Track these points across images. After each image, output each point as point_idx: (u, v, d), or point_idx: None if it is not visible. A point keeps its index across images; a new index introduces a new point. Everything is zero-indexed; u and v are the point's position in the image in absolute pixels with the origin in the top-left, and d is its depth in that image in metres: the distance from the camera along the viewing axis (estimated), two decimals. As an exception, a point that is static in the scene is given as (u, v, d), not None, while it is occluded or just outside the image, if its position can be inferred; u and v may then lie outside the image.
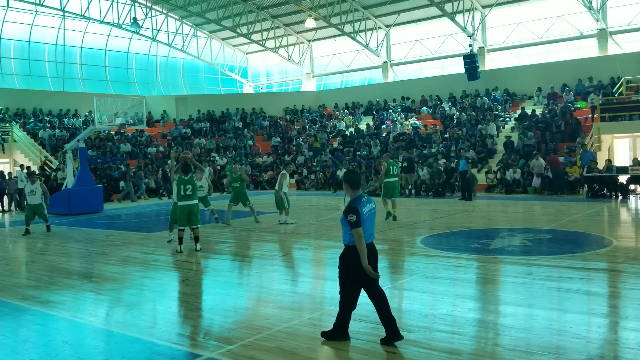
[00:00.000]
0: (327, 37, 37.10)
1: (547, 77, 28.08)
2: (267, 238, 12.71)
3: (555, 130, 24.23)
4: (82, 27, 34.22)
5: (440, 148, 25.69)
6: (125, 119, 20.12)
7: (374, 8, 32.97)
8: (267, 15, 35.33)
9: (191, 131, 33.56)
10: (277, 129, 34.30)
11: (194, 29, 38.51)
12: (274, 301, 7.38)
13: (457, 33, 31.23)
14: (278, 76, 42.13)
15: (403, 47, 34.98)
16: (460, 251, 10.34)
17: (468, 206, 17.87)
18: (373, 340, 5.63)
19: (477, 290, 7.80)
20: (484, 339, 5.72)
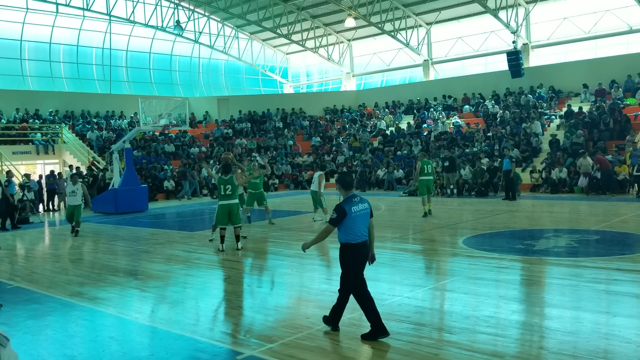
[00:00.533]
0: (367, 36, 36.97)
1: (594, 73, 27.22)
2: (308, 237, 12.73)
3: (603, 128, 23.46)
4: (128, 30, 35.13)
5: (482, 147, 25.25)
6: (169, 120, 20.54)
7: (415, 6, 32.65)
8: (307, 16, 35.46)
9: (232, 131, 34.00)
10: (317, 129, 34.39)
11: (235, 31, 39.01)
12: (314, 300, 7.40)
13: (500, 30, 30.62)
14: (318, 76, 42.23)
15: (444, 44, 34.51)
16: (504, 252, 10.13)
17: (512, 206, 17.50)
18: (414, 342, 5.57)
19: (521, 292, 7.63)
20: (529, 341, 5.59)
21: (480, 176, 22.03)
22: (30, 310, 7.39)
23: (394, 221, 15.33)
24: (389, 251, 10.71)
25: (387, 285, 8.09)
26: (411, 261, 9.69)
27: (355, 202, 5.81)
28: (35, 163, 27.49)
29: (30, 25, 31.28)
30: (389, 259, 10.02)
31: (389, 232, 13.06)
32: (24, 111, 29.12)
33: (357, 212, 5.77)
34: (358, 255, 5.78)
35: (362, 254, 5.81)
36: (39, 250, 13.18)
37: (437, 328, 6.07)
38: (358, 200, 5.84)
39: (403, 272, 8.86)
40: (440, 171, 22.82)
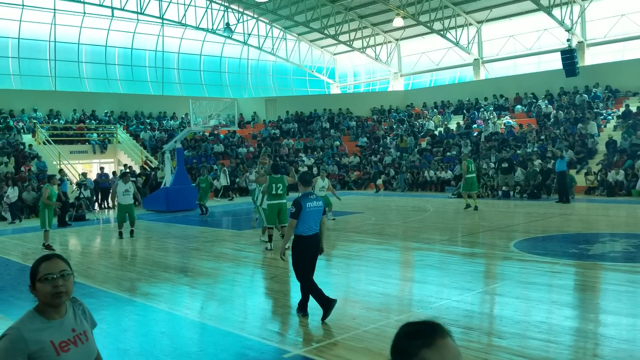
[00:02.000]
0: (416, 36, 36.59)
1: (655, 71, 26.05)
2: (354, 238, 12.73)
3: (664, 129, 22.43)
4: (179, 33, 35.97)
5: (535, 148, 24.57)
6: (218, 120, 20.91)
7: (465, 4, 32.09)
8: (354, 16, 35.41)
9: (280, 132, 34.31)
10: (364, 129, 34.29)
11: (283, 32, 39.36)
12: (361, 301, 7.38)
13: (554, 27, 29.72)
14: (365, 76, 42.10)
15: (496, 43, 33.77)
16: (557, 256, 9.83)
17: (566, 209, 16.96)
18: (462, 346, 5.47)
19: (574, 298, 7.39)
20: (582, 348, 5.40)
21: (533, 178, 21.46)
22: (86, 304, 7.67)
23: (442, 223, 15.11)
24: (437, 254, 10.57)
25: (435, 288, 7.99)
26: (460, 264, 9.53)
27: (311, 199, 6.50)
28: (91, 162, 28.50)
29: (87, 29, 32.46)
30: (437, 261, 9.89)
31: (437, 235, 12.89)
32: (81, 112, 30.26)
33: (311, 208, 6.44)
34: (307, 246, 6.46)
35: (311, 246, 6.49)
36: (94, 247, 13.66)
37: (486, 332, 5.95)
38: (314, 198, 6.54)
39: (451, 275, 8.72)
40: (495, 173, 22.40)
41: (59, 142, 26.35)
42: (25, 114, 28.56)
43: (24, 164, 23.15)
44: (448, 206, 19.20)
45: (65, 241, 14.33)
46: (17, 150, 24.05)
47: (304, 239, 6.45)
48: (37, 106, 29.14)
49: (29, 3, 29.64)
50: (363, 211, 18.27)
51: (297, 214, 6.36)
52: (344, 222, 15.60)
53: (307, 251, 6.48)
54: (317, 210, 6.50)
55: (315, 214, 6.48)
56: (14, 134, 25.79)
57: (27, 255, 12.06)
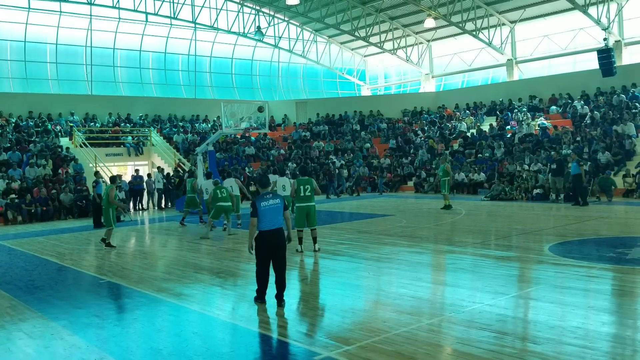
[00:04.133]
0: (447, 36, 36.26)
1: (698, 70, 25.22)
2: (384, 241, 12.66)
3: None
4: (211, 37, 36.42)
5: (570, 150, 24.02)
6: (250, 123, 21.06)
7: (498, 4, 31.65)
8: (385, 17, 35.28)
9: (310, 134, 34.39)
10: (394, 131, 34.10)
11: (313, 35, 39.47)
12: (392, 304, 7.33)
13: (590, 26, 29.07)
14: (396, 78, 41.90)
15: (529, 43, 33.20)
16: (593, 260, 9.59)
17: (602, 212, 16.53)
18: (496, 350, 5.39)
19: (612, 303, 7.19)
20: (621, 355, 5.25)
21: (568, 180, 20.97)
22: (121, 304, 7.82)
23: (475, 226, 14.91)
24: (470, 257, 10.42)
25: (467, 291, 7.88)
26: (493, 268, 9.38)
27: (267, 198, 7.33)
28: (126, 164, 29.06)
29: (122, 34, 33.14)
30: (469, 265, 9.76)
31: (469, 238, 12.72)
32: (117, 115, 30.90)
33: (266, 206, 7.25)
34: (266, 240, 7.22)
35: (271, 239, 7.24)
36: (128, 247, 13.92)
37: (520, 337, 5.84)
38: (270, 197, 7.36)
39: (484, 278, 8.59)
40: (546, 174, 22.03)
41: (95, 144, 26.95)
42: (62, 117, 29.32)
43: (61, 166, 23.74)
44: (481, 209, 18.93)
45: (99, 242, 14.63)
46: (55, 153, 24.69)
47: (263, 234, 7.24)
48: (74, 110, 29.87)
49: (66, 10, 30.42)
50: (394, 214, 18.16)
51: (255, 213, 7.24)
52: (375, 224, 15.53)
53: (267, 244, 7.24)
54: (275, 207, 7.32)
55: (273, 210, 7.29)
56: (51, 137, 26.50)
57: (63, 256, 12.36)
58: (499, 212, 17.78)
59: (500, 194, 22.20)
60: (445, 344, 5.74)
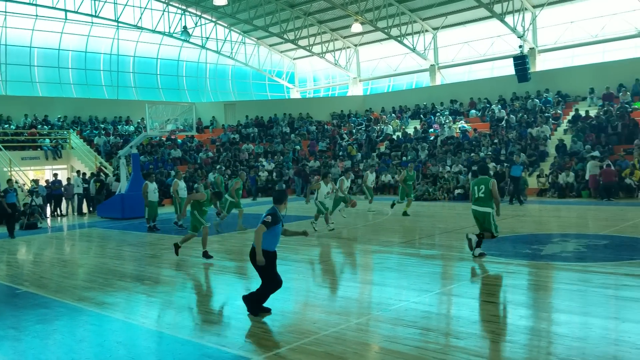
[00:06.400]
0: (374, 41, 37.03)
1: (601, 77, 27.11)
2: (314, 242, 12.75)
3: (611, 132, 23.36)
4: (135, 36, 35.34)
5: (489, 152, 25.18)
6: (176, 125, 20.62)
7: (421, 11, 32.69)
8: (313, 21, 35.57)
9: (239, 137, 34.09)
10: (324, 134, 34.42)
11: (242, 36, 39.16)
12: (322, 305, 7.39)
13: (506, 34, 30.59)
14: (325, 81, 42.32)
15: (451, 49, 34.52)
16: (511, 257, 10.09)
17: (518, 211, 17.43)
18: (421, 347, 5.55)
19: (528, 297, 7.59)
20: (537, 347, 5.55)
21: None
22: (39, 314, 7.43)
23: (401, 226, 15.30)
24: (396, 256, 10.69)
25: (394, 290, 8.08)
26: (418, 266, 9.66)
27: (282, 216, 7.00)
28: (43, 168, 27.62)
29: (39, 32, 31.53)
30: (396, 264, 10.01)
31: (395, 237, 13.03)
32: (33, 117, 29.31)
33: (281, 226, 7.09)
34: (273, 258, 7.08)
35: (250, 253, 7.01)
36: (46, 255, 13.24)
37: (444, 333, 6.04)
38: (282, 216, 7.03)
39: (410, 277, 8.84)
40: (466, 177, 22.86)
41: (10, 148, 25.46)
42: (-28, 119, 27.52)
43: (-29, 170, 22.26)
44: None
45: (15, 250, 13.84)
46: (-36, 157, 23.13)
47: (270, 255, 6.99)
48: (-15, 111, 28.11)
49: (-24, 4, 28.63)
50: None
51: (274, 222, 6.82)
52: (305, 227, 15.59)
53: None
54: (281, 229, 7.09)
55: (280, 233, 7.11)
56: (-40, 139, 24.79)
57: (-26, 266, 11.58)
58: (423, 212, 18.34)
59: (424, 194, 22.92)
60: (373, 343, 5.86)
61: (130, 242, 14.36)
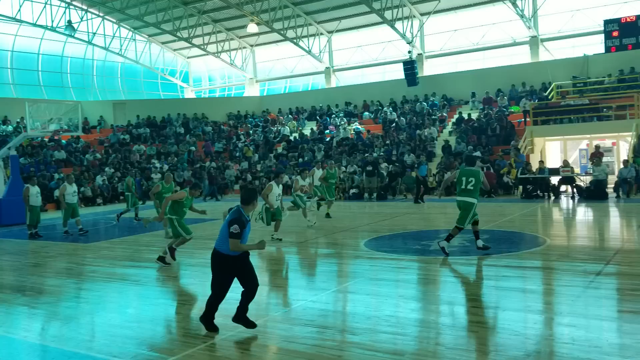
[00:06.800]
0: (270, 42, 37.07)
1: (482, 82, 29.10)
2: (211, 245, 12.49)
3: (490, 134, 25.11)
4: (14, 30, 32.77)
5: (381, 152, 26.12)
6: (60, 125, 19.40)
7: (316, 14, 33.22)
8: (208, 20, 34.94)
9: (130, 137, 32.72)
10: (220, 135, 33.93)
11: (132, 33, 37.59)
12: (219, 309, 7.26)
13: (397, 40, 31.89)
14: (220, 81, 41.74)
15: (345, 53, 35.43)
16: (402, 253, 10.53)
17: (409, 208, 18.23)
18: (318, 345, 5.64)
19: (419, 291, 7.97)
20: (426, 338, 5.83)
21: (381, 180, 22.78)
22: None
23: (298, 226, 15.42)
24: (294, 256, 10.78)
25: (292, 290, 8.14)
26: (315, 265, 9.80)
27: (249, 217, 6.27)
28: None
29: None
30: (294, 264, 10.10)
31: (293, 237, 13.13)
32: None
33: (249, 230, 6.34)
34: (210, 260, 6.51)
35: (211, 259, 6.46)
36: None
37: (340, 330, 6.18)
38: (230, 210, 6.34)
39: (307, 276, 8.95)
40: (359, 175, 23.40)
41: None
42: None
43: None
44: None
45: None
46: None
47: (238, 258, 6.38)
48: None
49: None
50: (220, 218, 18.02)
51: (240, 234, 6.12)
52: (202, 230, 15.27)
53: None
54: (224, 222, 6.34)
55: (223, 224, 6.36)
56: None
57: None
58: (320, 212, 18.62)
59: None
60: (271, 344, 5.87)
61: (9, 250, 13.30)
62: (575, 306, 6.64)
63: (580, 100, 23.71)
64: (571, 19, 28.39)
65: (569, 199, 19.05)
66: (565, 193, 20.10)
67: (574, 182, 19.58)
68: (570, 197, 19.23)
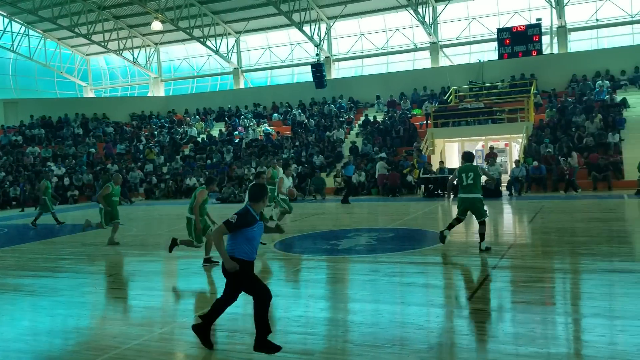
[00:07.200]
0: (176, 41, 36.15)
1: (386, 86, 30.07)
2: (111, 252, 12.00)
3: (395, 136, 25.99)
4: None
5: (291, 153, 26.25)
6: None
7: (224, 14, 32.79)
8: (109, 16, 33.46)
9: (23, 139, 30.66)
10: (122, 136, 32.59)
11: (25, 27, 35.22)
12: (122, 318, 7.00)
13: (305, 42, 32.20)
14: (123, 80, 40.11)
15: (254, 54, 35.27)
16: (312, 253, 10.64)
17: (318, 209, 18.44)
18: (227, 349, 5.57)
19: (327, 290, 8.08)
20: (335, 336, 5.92)
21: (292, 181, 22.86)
22: None
23: (207, 229, 15.13)
24: (200, 260, 10.56)
25: (200, 295, 7.97)
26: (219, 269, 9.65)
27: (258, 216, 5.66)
28: None
29: None
30: (201, 268, 9.89)
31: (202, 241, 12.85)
32: None
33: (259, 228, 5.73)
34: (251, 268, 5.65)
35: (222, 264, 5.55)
36: None
37: (250, 333, 6.12)
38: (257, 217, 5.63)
39: (216, 280, 8.80)
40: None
41: None
42: None
43: None
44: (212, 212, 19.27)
45: None
46: None
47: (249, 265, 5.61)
48: None
49: None
50: (124, 222, 17.30)
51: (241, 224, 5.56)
52: (102, 236, 14.59)
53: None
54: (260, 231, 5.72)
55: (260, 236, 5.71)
56: None
57: None
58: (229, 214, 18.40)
59: (230, 196, 23.04)
60: (178, 351, 5.72)
61: None
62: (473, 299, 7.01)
63: (476, 104, 25.15)
64: (468, 27, 30.02)
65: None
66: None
67: (471, 181, 20.64)
68: (469, 196, 20.25)
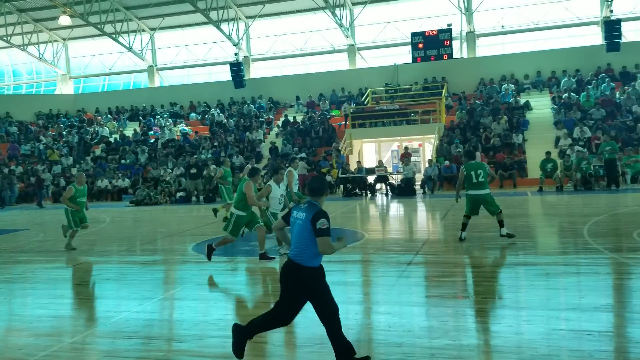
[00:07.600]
0: (86, 37, 34.57)
1: (306, 86, 30.31)
2: (17, 259, 11.29)
3: (314, 136, 26.23)
4: None
5: (209, 154, 25.82)
6: None
7: (137, 10, 31.72)
8: (12, 9, 31.44)
9: None
10: (27, 136, 30.73)
11: None
12: (28, 328, 6.59)
13: (223, 41, 31.78)
14: (28, 77, 37.83)
15: (170, 51, 34.39)
16: (232, 255, 10.52)
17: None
18: (143, 357, 5.40)
19: (248, 292, 8.02)
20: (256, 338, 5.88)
21: (209, 183, 22.51)
22: None
23: (120, 233, 14.63)
24: (115, 265, 10.19)
25: (113, 302, 7.67)
26: (139, 273, 9.36)
27: (299, 207, 4.84)
28: None
29: None
30: (115, 273, 9.54)
31: (114, 246, 12.41)
32: None
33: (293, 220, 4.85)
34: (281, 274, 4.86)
35: (282, 272, 4.84)
36: None
37: (167, 339, 5.98)
38: (304, 207, 4.79)
39: (131, 286, 8.51)
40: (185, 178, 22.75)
41: None
42: None
43: None
44: (125, 215, 18.66)
45: None
46: None
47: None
48: None
49: None
50: (29, 227, 16.36)
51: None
52: (4, 242, 13.70)
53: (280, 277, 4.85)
54: (297, 224, 4.76)
55: (296, 228, 4.77)
56: None
57: None
58: (144, 217, 17.86)
59: (145, 198, 22.35)
60: (90, 361, 5.48)
61: None
62: (390, 295, 7.21)
63: (392, 105, 25.89)
64: (383, 31, 30.83)
65: (384, 196, 20.67)
66: (380, 190, 21.79)
67: (387, 180, 21.31)
68: (385, 194, 20.89)
